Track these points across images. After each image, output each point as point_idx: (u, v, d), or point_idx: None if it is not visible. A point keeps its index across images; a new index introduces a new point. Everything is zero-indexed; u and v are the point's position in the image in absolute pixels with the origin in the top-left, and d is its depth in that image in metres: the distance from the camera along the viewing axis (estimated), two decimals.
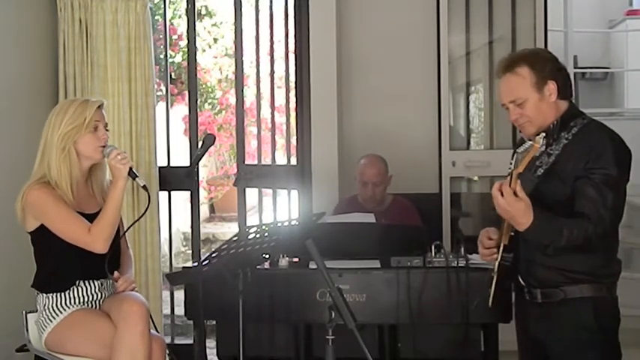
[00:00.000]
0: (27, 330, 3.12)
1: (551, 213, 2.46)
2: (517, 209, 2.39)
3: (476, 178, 4.90)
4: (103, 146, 3.02)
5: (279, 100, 5.04)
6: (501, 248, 2.59)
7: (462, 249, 3.43)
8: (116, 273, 3.08)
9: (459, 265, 3.37)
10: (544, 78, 2.56)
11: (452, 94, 4.83)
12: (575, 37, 6.15)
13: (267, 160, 5.33)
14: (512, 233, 2.56)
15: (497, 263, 2.63)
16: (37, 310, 3.07)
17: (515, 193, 2.38)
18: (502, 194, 2.40)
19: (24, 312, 3.13)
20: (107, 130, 3.07)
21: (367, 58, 4.84)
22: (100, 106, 3.05)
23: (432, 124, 4.74)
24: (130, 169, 2.99)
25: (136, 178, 3.01)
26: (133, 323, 2.86)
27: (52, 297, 3.01)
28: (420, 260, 3.43)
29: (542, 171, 2.56)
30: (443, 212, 4.66)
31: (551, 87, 2.56)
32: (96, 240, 2.93)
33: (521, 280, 2.68)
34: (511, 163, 2.61)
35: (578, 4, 6.34)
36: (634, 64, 6.60)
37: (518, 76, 2.57)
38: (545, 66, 2.58)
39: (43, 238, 2.99)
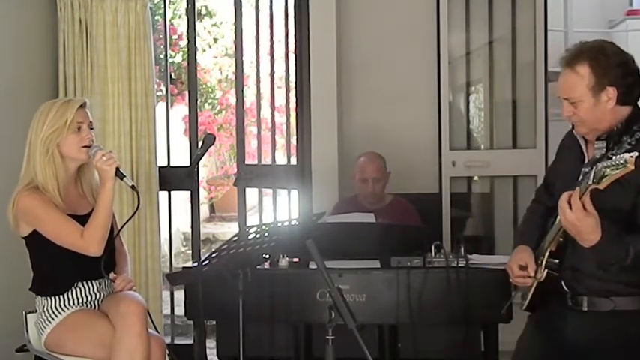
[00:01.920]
0: (27, 330, 3.12)
1: (616, 229, 2.27)
2: (586, 225, 2.21)
3: (476, 178, 4.90)
4: (88, 146, 2.98)
5: (279, 100, 5.04)
6: (547, 254, 2.45)
7: (462, 249, 3.43)
8: (112, 274, 3.08)
9: (459, 265, 3.37)
10: (603, 83, 2.37)
11: (452, 94, 4.83)
12: (575, 37, 6.13)
13: (267, 160, 5.33)
14: (561, 239, 2.42)
15: (545, 271, 2.46)
16: (36, 311, 3.07)
17: (583, 207, 2.20)
18: (570, 207, 2.21)
19: (24, 312, 3.13)
20: (92, 129, 3.03)
21: (367, 58, 4.83)
22: (82, 106, 3.00)
23: (432, 124, 4.74)
24: (117, 169, 2.95)
25: (124, 179, 2.97)
26: (131, 323, 2.85)
27: (51, 299, 3.01)
28: (420, 260, 3.43)
29: None
30: (443, 212, 4.66)
31: (610, 93, 2.38)
32: (89, 244, 2.91)
33: (564, 286, 2.48)
34: (583, 176, 2.34)
35: (578, 4, 6.33)
36: None
37: (577, 74, 2.39)
38: (609, 70, 2.38)
39: (37, 242, 2.98)
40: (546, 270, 2.45)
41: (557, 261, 2.45)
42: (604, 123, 2.42)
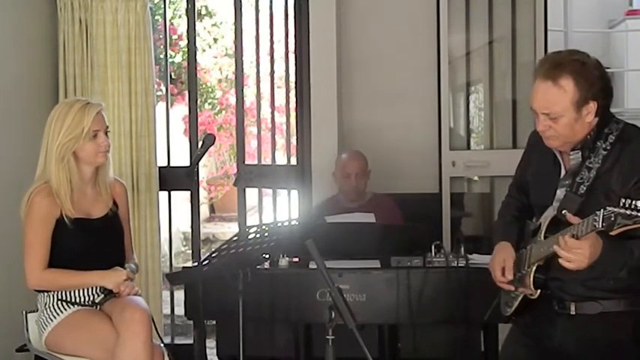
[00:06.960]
0: (27, 330, 3.12)
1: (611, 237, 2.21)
2: (590, 250, 2.20)
3: (476, 178, 4.90)
4: (106, 151, 3.01)
5: (279, 100, 5.04)
6: (534, 268, 2.44)
7: (462, 249, 3.43)
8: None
9: (459, 265, 3.37)
10: (587, 98, 2.31)
11: (452, 94, 4.82)
12: (575, 37, 6.13)
13: (267, 160, 5.34)
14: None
15: (538, 291, 2.44)
16: (37, 310, 3.07)
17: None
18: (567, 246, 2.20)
19: (24, 312, 3.13)
20: (108, 132, 3.05)
21: (367, 58, 4.83)
22: (99, 111, 3.01)
23: (432, 124, 4.73)
24: (111, 291, 3.01)
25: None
26: (136, 332, 2.85)
27: (53, 295, 3.01)
28: (420, 260, 3.43)
29: (584, 188, 2.34)
30: (443, 212, 4.65)
31: (591, 107, 2.32)
32: (37, 281, 2.96)
33: (550, 294, 2.47)
34: (566, 191, 2.38)
35: (578, 4, 6.33)
36: (634, 64, 6.59)
37: (560, 88, 2.31)
38: (592, 85, 2.31)
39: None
40: (539, 290, 2.44)
41: (543, 277, 2.44)
42: (578, 136, 2.38)
